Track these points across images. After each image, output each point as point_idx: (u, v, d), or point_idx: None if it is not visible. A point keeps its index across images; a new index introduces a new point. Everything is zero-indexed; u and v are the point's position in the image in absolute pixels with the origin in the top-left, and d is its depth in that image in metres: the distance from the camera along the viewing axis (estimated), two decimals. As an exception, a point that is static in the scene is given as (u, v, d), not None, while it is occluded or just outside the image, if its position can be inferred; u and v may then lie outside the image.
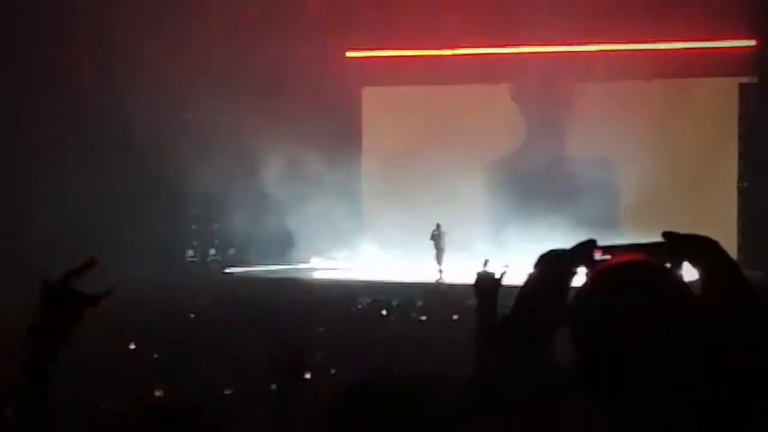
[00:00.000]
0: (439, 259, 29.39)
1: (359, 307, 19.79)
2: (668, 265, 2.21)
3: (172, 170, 28.93)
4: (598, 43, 27.61)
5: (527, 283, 2.29)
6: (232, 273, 31.07)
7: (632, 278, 2.17)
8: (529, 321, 2.25)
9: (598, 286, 2.20)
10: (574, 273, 2.26)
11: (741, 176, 28.34)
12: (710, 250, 2.24)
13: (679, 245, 2.23)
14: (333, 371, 11.81)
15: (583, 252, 2.27)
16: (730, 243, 26.05)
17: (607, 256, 2.26)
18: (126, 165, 27.28)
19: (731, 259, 2.24)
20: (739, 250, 27.31)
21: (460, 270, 28.11)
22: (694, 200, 28.59)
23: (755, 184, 27.70)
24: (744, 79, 28.21)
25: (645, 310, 2.12)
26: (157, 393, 9.40)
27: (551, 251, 2.31)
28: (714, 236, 2.29)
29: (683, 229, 2.30)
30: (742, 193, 28.30)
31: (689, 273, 2.25)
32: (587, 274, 2.24)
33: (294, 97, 30.35)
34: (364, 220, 33.57)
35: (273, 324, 16.18)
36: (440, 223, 29.56)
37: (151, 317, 17.23)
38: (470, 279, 4.26)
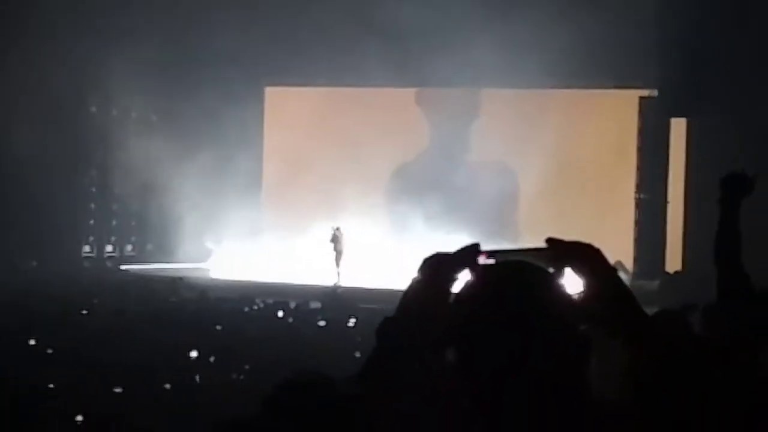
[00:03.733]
0: (337, 261, 29.43)
1: (255, 308, 19.70)
2: (550, 270, 2.24)
3: (72, 164, 28.71)
4: (503, 49, 27.78)
5: (411, 285, 2.30)
6: (128, 270, 30.82)
7: (511, 279, 2.20)
8: (411, 323, 2.26)
9: (477, 288, 2.22)
10: (459, 276, 2.27)
11: (638, 188, 28.74)
12: (591, 257, 2.26)
13: (561, 251, 2.26)
14: (230, 373, 11.74)
15: (467, 255, 2.28)
16: (626, 254, 26.49)
17: (492, 260, 2.27)
18: (31, 156, 26.86)
19: (612, 267, 2.26)
20: (635, 260, 27.72)
21: (357, 273, 28.27)
22: (593, 210, 28.99)
23: (652, 196, 28.11)
24: (644, 92, 28.64)
25: (523, 311, 2.15)
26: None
27: (435, 254, 2.32)
28: (611, 247, 2.32)
29: (581, 239, 2.32)
30: (639, 205, 28.70)
31: (573, 281, 2.27)
32: (471, 278, 2.26)
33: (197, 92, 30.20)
34: (263, 220, 33.52)
35: (168, 322, 16.06)
36: (339, 226, 29.62)
37: (45, 312, 17.00)
38: (366, 282, 4.26)
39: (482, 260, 2.27)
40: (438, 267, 2.28)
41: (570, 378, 2.16)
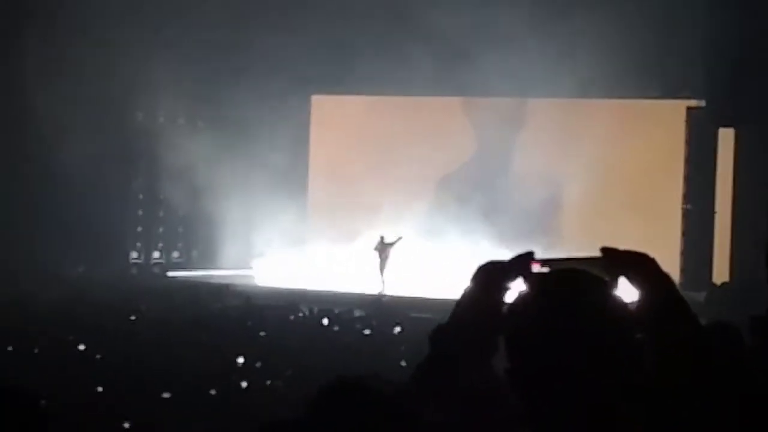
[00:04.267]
0: (381, 270, 29.41)
1: (300, 315, 19.75)
2: (605, 279, 2.25)
3: (118, 172, 28.91)
4: (549, 59, 27.71)
5: (465, 293, 2.31)
6: (175, 276, 30.97)
7: (567, 288, 2.21)
8: (464, 331, 2.28)
9: (531, 296, 2.23)
10: (512, 284, 2.28)
11: (685, 199, 28.57)
12: (647, 266, 2.27)
13: (616, 260, 2.27)
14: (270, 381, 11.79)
15: (521, 264, 2.29)
16: (673, 264, 26.33)
17: (546, 269, 2.28)
18: (79, 162, 27.01)
19: (667, 276, 2.27)
20: (682, 271, 27.54)
21: (401, 282, 28.27)
22: (640, 221, 28.81)
23: (699, 206, 27.94)
24: (691, 102, 28.48)
25: (578, 320, 2.16)
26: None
27: (489, 262, 2.33)
28: (658, 257, 2.32)
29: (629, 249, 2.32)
30: (686, 215, 28.53)
31: (629, 291, 2.28)
32: (525, 286, 2.27)
33: (243, 100, 30.31)
34: (309, 228, 33.58)
35: (214, 329, 16.14)
36: (384, 234, 29.60)
37: (94, 318, 17.13)
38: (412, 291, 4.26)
39: (536, 268, 2.28)
40: (492, 275, 2.29)
41: (625, 388, 2.16)
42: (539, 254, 2.34)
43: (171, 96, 29.76)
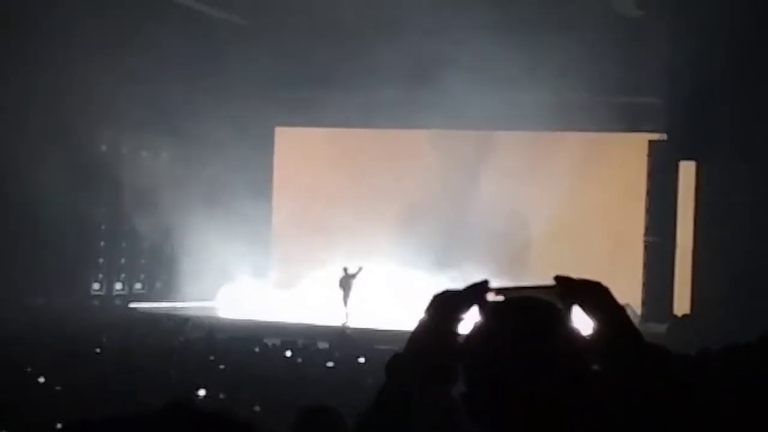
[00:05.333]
0: (345, 302, 29.39)
1: (263, 347, 19.68)
2: (559, 307, 2.26)
3: (82, 202, 28.78)
4: (514, 92, 27.85)
5: (421, 322, 2.32)
6: (138, 308, 30.81)
7: (521, 316, 2.22)
8: (420, 359, 2.28)
9: (486, 324, 2.24)
10: (467, 313, 2.29)
11: (647, 231, 28.71)
12: (599, 294, 2.29)
13: (569, 289, 2.28)
14: (237, 412, 11.72)
15: (475, 292, 2.31)
16: (635, 296, 26.45)
17: (500, 297, 2.30)
18: (35, 195, 26.88)
19: (619, 305, 2.29)
20: (644, 303, 27.65)
21: (366, 314, 28.25)
22: (603, 253, 28.93)
23: (660, 239, 28.08)
24: (653, 135, 28.65)
25: (532, 347, 2.17)
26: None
27: (444, 291, 2.34)
28: (621, 289, 2.34)
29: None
30: (647, 248, 28.65)
31: (582, 319, 2.29)
32: (480, 314, 2.28)
33: (207, 131, 30.29)
34: (273, 259, 33.55)
35: (176, 361, 16.06)
36: (347, 266, 29.60)
37: (54, 350, 17.01)
38: (375, 323, 4.26)
39: (491, 297, 2.30)
40: (447, 303, 2.30)
41: (580, 414, 2.17)
42: (497, 284, 2.35)
43: (134, 127, 29.72)
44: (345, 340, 22.62)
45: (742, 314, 21.25)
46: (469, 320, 2.28)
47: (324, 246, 31.02)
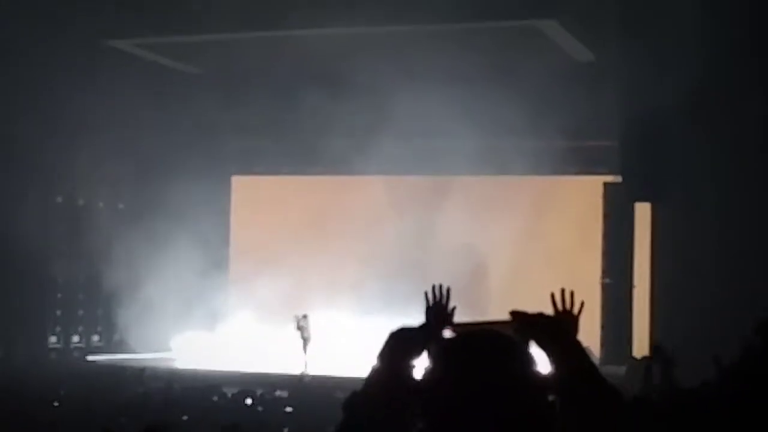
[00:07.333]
0: (304, 349, 29.25)
1: (223, 396, 19.58)
2: (515, 342, 2.27)
3: (36, 254, 28.58)
4: (469, 137, 27.98)
5: (378, 358, 2.33)
6: (95, 361, 30.58)
7: (476, 351, 2.23)
8: (377, 396, 2.29)
9: (442, 359, 2.25)
10: (423, 349, 2.30)
11: (604, 273, 28.82)
12: (554, 329, 2.30)
13: (525, 323, 2.30)
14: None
15: (432, 328, 2.32)
16: (593, 339, 26.51)
17: (456, 333, 2.31)
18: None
19: (575, 340, 2.30)
20: (602, 345, 27.71)
21: (325, 361, 28.15)
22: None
23: (617, 280, 28.19)
24: (608, 178, 28.82)
25: (488, 381, 2.17)
26: None
27: (402, 328, 2.35)
28: (580, 333, 2.35)
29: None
30: (604, 289, 28.75)
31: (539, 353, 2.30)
32: (436, 350, 2.29)
33: (163, 181, 30.25)
34: (230, 309, 33.43)
35: (135, 413, 15.93)
36: (306, 313, 29.49)
37: (11, 404, 16.83)
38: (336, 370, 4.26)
39: (447, 333, 2.31)
40: (403, 340, 2.32)
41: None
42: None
43: (90, 179, 29.62)
44: (304, 389, 22.53)
45: (701, 354, 21.32)
46: (426, 356, 2.29)
47: (281, 293, 30.88)
